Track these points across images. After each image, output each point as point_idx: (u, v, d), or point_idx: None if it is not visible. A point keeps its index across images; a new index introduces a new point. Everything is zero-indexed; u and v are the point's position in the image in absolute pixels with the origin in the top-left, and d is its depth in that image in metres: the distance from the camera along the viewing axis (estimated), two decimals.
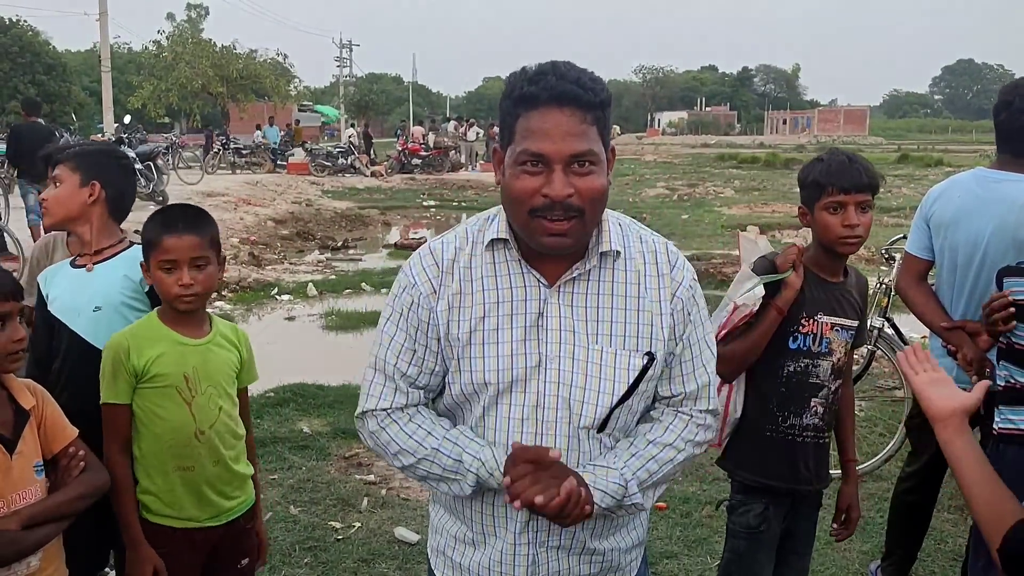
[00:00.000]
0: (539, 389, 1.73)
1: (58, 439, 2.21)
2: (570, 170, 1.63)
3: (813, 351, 2.66)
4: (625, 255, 1.79)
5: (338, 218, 18.73)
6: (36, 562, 2.09)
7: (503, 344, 1.73)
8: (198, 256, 2.39)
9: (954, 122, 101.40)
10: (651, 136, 79.60)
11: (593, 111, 1.65)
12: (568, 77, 1.64)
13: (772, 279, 2.65)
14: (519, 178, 1.65)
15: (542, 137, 1.62)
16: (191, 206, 2.58)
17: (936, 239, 3.34)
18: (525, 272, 1.76)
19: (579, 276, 1.75)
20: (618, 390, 1.74)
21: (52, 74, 51.58)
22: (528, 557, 1.79)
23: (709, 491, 4.71)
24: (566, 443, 1.75)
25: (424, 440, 1.78)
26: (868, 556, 4.01)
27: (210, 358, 2.46)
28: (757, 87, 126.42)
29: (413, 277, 1.80)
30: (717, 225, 16.55)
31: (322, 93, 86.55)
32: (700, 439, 1.85)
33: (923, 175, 28.46)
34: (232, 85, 44.49)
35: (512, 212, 1.71)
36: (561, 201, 1.62)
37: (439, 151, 30.76)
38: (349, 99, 55.75)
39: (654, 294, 1.78)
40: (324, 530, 4.24)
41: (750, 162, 36.88)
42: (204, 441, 2.43)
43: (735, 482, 2.85)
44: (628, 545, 1.90)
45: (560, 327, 1.74)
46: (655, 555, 3.99)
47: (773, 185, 25.80)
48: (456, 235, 1.84)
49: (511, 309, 1.75)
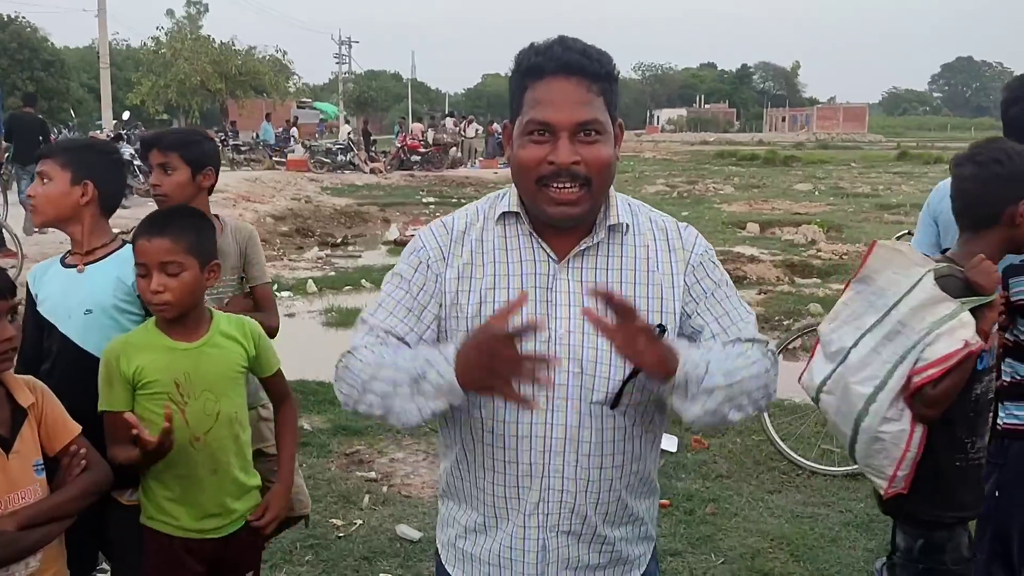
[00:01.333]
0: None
1: (60, 437, 2.17)
2: (576, 139, 1.64)
3: (990, 366, 2.41)
4: (634, 229, 1.78)
5: (337, 215, 18.69)
6: (36, 563, 2.06)
7: (513, 317, 1.67)
8: (168, 261, 2.26)
9: (953, 119, 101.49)
10: (650, 133, 79.52)
11: (599, 82, 1.66)
12: (574, 48, 1.66)
13: (979, 302, 2.28)
14: (526, 147, 1.67)
15: (548, 106, 1.64)
16: (182, 209, 2.51)
17: (945, 237, 3.30)
18: (536, 246, 1.75)
19: (588, 250, 1.75)
20: (629, 364, 1.68)
21: (50, 70, 51.44)
22: (538, 542, 1.76)
23: (713, 488, 4.69)
24: (578, 420, 1.72)
25: (384, 354, 1.68)
26: (873, 554, 3.99)
27: (203, 362, 2.37)
28: (756, 84, 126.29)
29: (423, 241, 1.81)
30: (717, 222, 16.54)
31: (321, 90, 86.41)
32: (768, 366, 1.71)
33: (922, 172, 28.49)
34: (231, 82, 44.44)
35: (520, 182, 1.71)
36: (567, 168, 1.63)
37: (438, 148, 30.72)
38: (348, 96, 55.72)
39: (665, 267, 1.77)
40: (325, 528, 4.22)
41: (749, 159, 36.92)
42: (200, 448, 2.35)
43: (919, 521, 2.43)
44: (635, 536, 1.87)
45: (570, 302, 1.72)
46: (660, 552, 3.95)
47: (772, 182, 25.82)
48: (467, 211, 1.85)
49: (520, 283, 1.74)
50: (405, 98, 79.44)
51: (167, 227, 2.31)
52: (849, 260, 12.28)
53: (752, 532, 4.21)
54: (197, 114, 48.79)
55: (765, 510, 4.46)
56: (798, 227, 15.25)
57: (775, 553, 4.03)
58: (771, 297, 9.62)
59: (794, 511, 4.45)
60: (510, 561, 1.78)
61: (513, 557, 1.78)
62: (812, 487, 4.78)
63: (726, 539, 4.15)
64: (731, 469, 4.99)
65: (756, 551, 4.02)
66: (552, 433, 1.71)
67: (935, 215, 3.34)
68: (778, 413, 5.50)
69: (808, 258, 12.38)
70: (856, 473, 4.89)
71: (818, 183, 24.90)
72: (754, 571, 3.86)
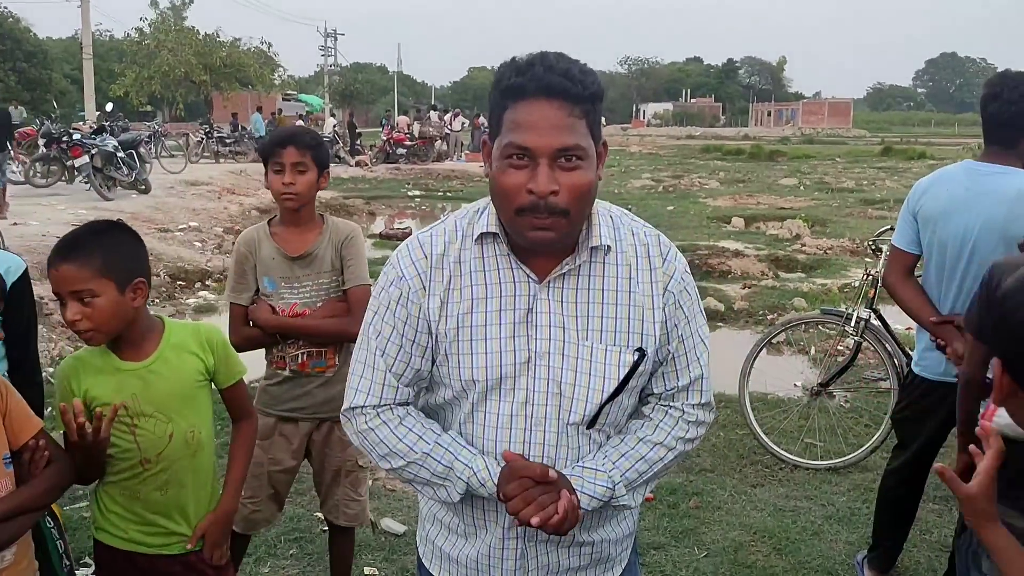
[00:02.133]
0: (528, 386, 1.71)
1: (24, 430, 2.14)
2: (556, 164, 1.59)
3: None
4: (616, 249, 1.75)
5: (322, 208, 18.44)
6: (11, 556, 2.07)
7: (491, 340, 1.70)
8: (79, 289, 2.13)
9: (937, 115, 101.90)
10: (636, 127, 79.64)
11: (582, 104, 1.60)
12: (556, 69, 1.59)
13: None
14: (505, 172, 1.61)
15: (528, 130, 1.58)
16: (97, 227, 2.27)
17: (924, 233, 3.33)
18: (515, 267, 1.72)
19: (569, 271, 1.72)
20: (608, 387, 1.71)
21: (33, 61, 51.09)
22: (517, 551, 1.78)
23: (696, 482, 4.71)
24: (555, 439, 1.73)
25: (415, 444, 1.74)
26: (854, 547, 4.02)
27: (153, 382, 2.26)
28: (742, 79, 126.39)
29: (402, 270, 1.76)
30: (703, 216, 16.58)
31: (307, 82, 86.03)
32: (691, 436, 1.82)
33: (906, 167, 28.61)
34: (216, 73, 44.22)
35: (500, 207, 1.67)
36: (544, 199, 1.58)
37: (424, 141, 30.65)
38: (334, 88, 55.49)
39: (645, 288, 1.74)
40: (310, 521, 4.22)
41: (735, 154, 37.00)
42: (151, 470, 2.28)
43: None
44: (618, 536, 1.88)
45: (550, 323, 1.70)
46: (642, 546, 3.99)
47: (758, 177, 25.88)
48: (445, 228, 1.79)
49: (499, 305, 1.71)
50: (391, 91, 79.07)
51: (72, 252, 2.16)
52: (833, 255, 12.34)
53: (735, 525, 4.23)
54: (181, 106, 48.51)
55: (748, 503, 4.49)
56: (783, 222, 15.28)
57: (758, 546, 4.05)
58: (755, 291, 9.65)
59: (777, 504, 4.48)
60: (488, 568, 1.80)
61: (491, 564, 1.80)
62: (795, 481, 4.81)
63: (709, 532, 4.17)
64: (714, 463, 5.01)
65: (739, 544, 4.04)
66: (530, 452, 1.73)
67: (914, 211, 3.37)
68: (761, 408, 5.53)
69: (793, 253, 12.42)
70: (838, 467, 4.93)
71: (803, 178, 24.98)
72: (737, 564, 3.88)
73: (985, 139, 3.25)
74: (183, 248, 11.86)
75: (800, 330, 7.08)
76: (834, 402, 5.79)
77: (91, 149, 15.44)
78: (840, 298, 8.82)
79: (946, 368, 3.27)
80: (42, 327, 7.53)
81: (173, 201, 15.81)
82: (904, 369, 4.52)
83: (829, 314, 5.26)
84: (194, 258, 11.31)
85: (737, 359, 5.42)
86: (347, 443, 3.14)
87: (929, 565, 3.90)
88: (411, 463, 1.74)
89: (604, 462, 1.74)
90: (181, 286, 10.04)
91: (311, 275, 3.07)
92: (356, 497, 3.31)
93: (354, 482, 3.29)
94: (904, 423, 3.62)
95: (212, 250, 12.29)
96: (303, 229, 3.12)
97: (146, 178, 16.45)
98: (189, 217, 14.45)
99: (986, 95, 3.20)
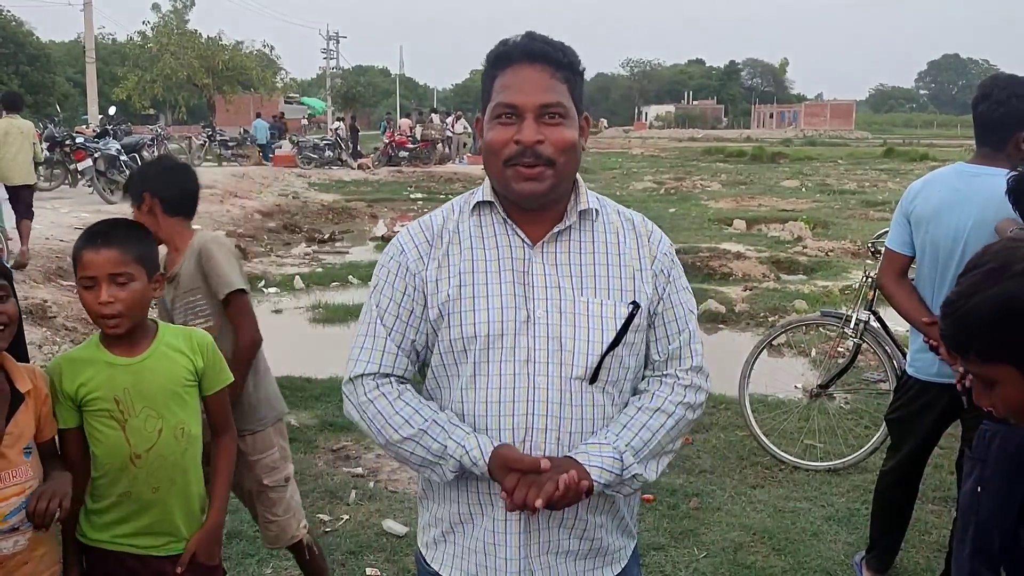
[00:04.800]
0: (529, 344, 1.77)
1: (45, 431, 2.24)
2: (541, 121, 1.74)
3: None
4: (604, 217, 1.89)
5: (325, 211, 18.65)
6: (24, 540, 2.13)
7: (492, 298, 1.80)
8: (118, 272, 2.20)
9: (939, 116, 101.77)
10: (638, 129, 79.65)
11: (563, 70, 1.76)
12: (539, 38, 1.79)
13: None
14: (494, 129, 1.77)
15: (514, 90, 1.75)
16: (124, 221, 2.40)
17: (917, 234, 3.36)
18: (510, 232, 1.84)
19: (561, 234, 1.84)
20: (607, 338, 1.79)
21: (36, 65, 51.22)
22: (520, 523, 1.81)
23: (696, 483, 4.74)
24: (559, 396, 1.78)
25: (411, 418, 1.80)
26: (853, 547, 4.04)
27: (145, 377, 2.29)
28: (744, 81, 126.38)
29: (401, 244, 1.89)
30: (704, 219, 16.58)
31: (309, 85, 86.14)
32: (690, 400, 1.88)
33: (908, 169, 28.59)
34: (218, 77, 44.28)
35: (490, 164, 1.80)
36: (531, 146, 1.72)
37: (426, 143, 30.67)
38: (336, 91, 55.48)
39: (634, 252, 1.87)
40: (312, 522, 4.23)
41: (737, 156, 36.98)
42: (142, 466, 2.28)
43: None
44: (617, 528, 1.91)
45: (546, 284, 1.80)
46: (642, 547, 4.01)
47: (760, 179, 25.88)
48: (444, 208, 1.94)
49: (497, 266, 1.82)
50: (393, 94, 79.17)
51: (113, 237, 2.24)
52: (835, 257, 12.35)
53: (735, 526, 4.25)
54: (184, 109, 48.58)
55: (748, 504, 4.51)
56: (784, 224, 15.31)
57: (757, 547, 4.07)
58: (757, 293, 9.67)
59: (776, 505, 4.49)
60: (493, 547, 1.82)
61: (496, 542, 1.82)
62: (794, 482, 4.83)
63: (709, 533, 4.19)
64: (714, 464, 5.04)
65: (738, 545, 4.06)
66: (534, 410, 1.77)
67: (907, 213, 3.39)
68: (761, 409, 5.55)
69: (794, 255, 12.44)
70: (838, 468, 4.95)
71: (805, 180, 24.99)
72: (736, 564, 3.90)
73: (976, 141, 3.28)
74: None
75: (800, 332, 7.10)
76: (834, 404, 5.80)
77: (94, 152, 15.48)
78: (841, 300, 8.84)
79: (939, 369, 3.29)
80: (45, 330, 7.56)
81: None
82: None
83: (829, 316, 5.28)
84: None
85: (737, 361, 5.44)
86: (253, 462, 3.10)
87: (928, 566, 3.92)
88: (407, 439, 1.79)
89: (607, 435, 1.80)
90: None
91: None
92: (272, 518, 3.20)
93: (267, 503, 3.18)
94: (898, 423, 3.64)
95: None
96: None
97: None
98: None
99: (977, 96, 3.24)
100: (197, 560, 2.38)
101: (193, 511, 2.41)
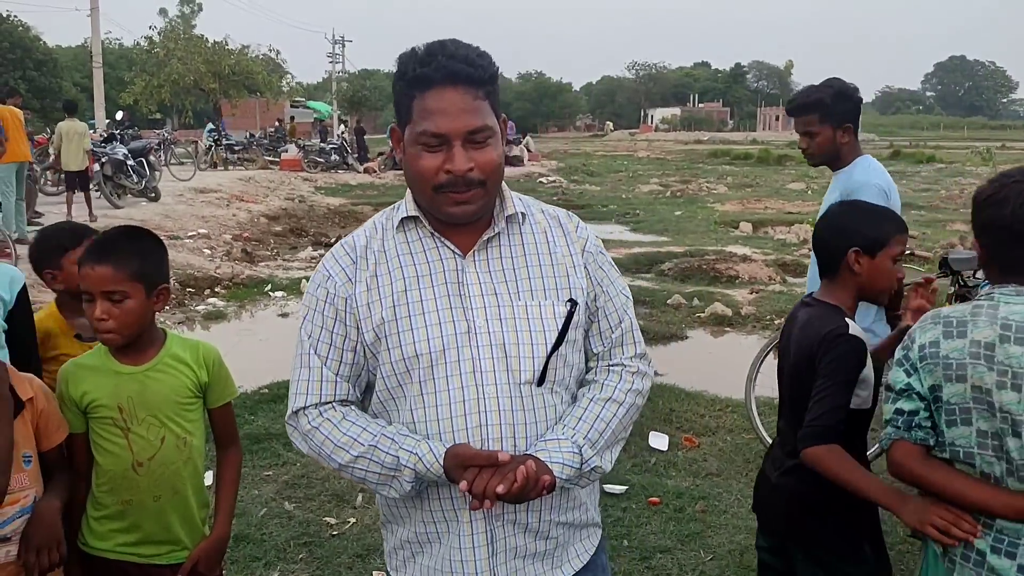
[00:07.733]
0: (473, 355, 1.76)
1: (54, 436, 2.25)
2: (468, 145, 1.71)
3: None
4: (530, 219, 1.89)
5: (331, 214, 18.70)
6: (16, 551, 2.14)
7: (429, 314, 1.78)
8: (111, 290, 2.21)
9: (946, 119, 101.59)
10: (644, 132, 79.70)
11: (484, 87, 1.73)
12: (458, 56, 1.71)
13: None
14: (421, 157, 1.73)
15: (440, 116, 1.69)
16: (131, 232, 2.39)
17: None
18: (439, 245, 1.83)
19: (490, 240, 1.83)
20: (549, 339, 1.80)
21: (43, 70, 51.37)
22: (486, 534, 1.79)
23: (702, 486, 4.73)
24: (509, 403, 1.77)
25: (359, 436, 1.78)
26: None
27: (149, 386, 2.31)
28: (750, 83, 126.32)
29: (327, 270, 1.86)
30: (710, 221, 16.57)
31: (315, 89, 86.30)
32: (639, 387, 1.91)
33: (915, 171, 28.56)
34: (224, 81, 44.36)
35: (417, 190, 1.79)
36: (463, 176, 1.71)
37: None
38: (342, 95, 55.57)
39: (564, 249, 1.88)
40: (319, 526, 4.25)
41: (743, 158, 37.00)
42: (144, 474, 2.30)
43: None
44: (581, 521, 1.91)
45: (482, 292, 1.80)
46: (648, 549, 4.01)
47: (766, 181, 25.88)
48: (365, 227, 1.91)
49: (431, 281, 1.80)
50: None
51: (110, 254, 2.25)
52: None
53: (741, 529, 4.25)
54: (190, 114, 48.72)
55: None
56: (790, 226, 15.29)
57: None
58: (763, 296, 9.66)
59: None
60: (461, 564, 1.81)
61: (463, 558, 1.80)
62: None
63: (715, 536, 4.19)
64: (721, 467, 5.03)
65: (745, 548, 4.05)
66: (487, 420, 1.76)
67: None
68: (768, 412, 5.54)
69: (800, 257, 12.41)
70: None
71: (811, 182, 24.94)
72: (743, 567, 3.90)
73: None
74: (192, 255, 11.93)
75: None
76: None
77: (101, 157, 15.53)
78: None
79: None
80: None
81: (182, 208, 15.88)
82: None
83: None
84: (203, 265, 11.37)
85: (744, 363, 5.44)
86: None
87: None
88: (359, 457, 1.77)
89: (564, 430, 1.80)
90: (190, 293, 10.10)
91: None
92: None
93: None
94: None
95: (221, 257, 12.35)
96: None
97: (156, 185, 16.52)
98: (198, 224, 14.52)
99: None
100: (198, 570, 2.39)
101: (194, 520, 2.42)
